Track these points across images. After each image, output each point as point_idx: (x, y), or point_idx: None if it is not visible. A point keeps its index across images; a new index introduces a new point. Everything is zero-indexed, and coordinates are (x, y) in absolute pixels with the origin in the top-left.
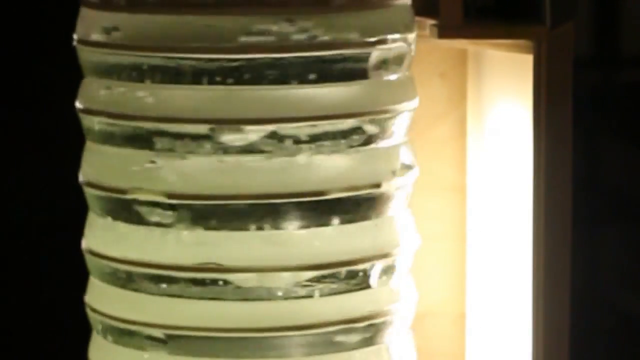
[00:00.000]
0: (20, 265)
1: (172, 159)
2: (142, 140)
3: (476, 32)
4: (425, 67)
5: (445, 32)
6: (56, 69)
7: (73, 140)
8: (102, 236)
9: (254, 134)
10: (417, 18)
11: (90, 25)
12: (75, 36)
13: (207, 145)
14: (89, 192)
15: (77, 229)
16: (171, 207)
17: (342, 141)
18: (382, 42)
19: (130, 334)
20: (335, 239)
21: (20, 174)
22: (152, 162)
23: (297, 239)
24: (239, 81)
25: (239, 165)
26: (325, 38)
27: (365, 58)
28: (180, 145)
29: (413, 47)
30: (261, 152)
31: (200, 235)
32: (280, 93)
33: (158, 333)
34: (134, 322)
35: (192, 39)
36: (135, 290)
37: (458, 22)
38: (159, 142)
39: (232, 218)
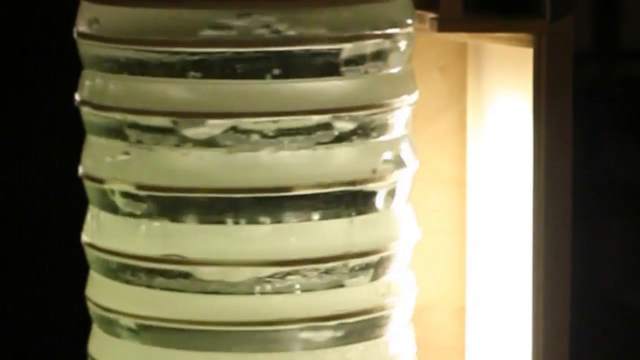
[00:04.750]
0: (20, 260)
1: (142, 151)
2: (117, 132)
3: (476, 25)
4: (425, 61)
5: (445, 25)
6: (57, 63)
7: (75, 133)
8: (94, 228)
9: (216, 128)
10: (417, 12)
11: (80, 17)
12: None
13: (172, 138)
14: (85, 183)
15: (79, 222)
16: (140, 198)
17: (311, 137)
18: (356, 38)
19: (120, 325)
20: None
21: (21, 168)
22: (126, 153)
23: (261, 234)
24: (203, 75)
25: (202, 158)
26: (292, 33)
27: (336, 54)
28: (148, 137)
29: (402, 43)
30: (224, 146)
31: (166, 227)
32: (243, 88)
33: (131, 323)
34: (129, 315)
35: (156, 32)
36: (128, 282)
37: (458, 15)
38: (131, 134)
39: (195, 211)
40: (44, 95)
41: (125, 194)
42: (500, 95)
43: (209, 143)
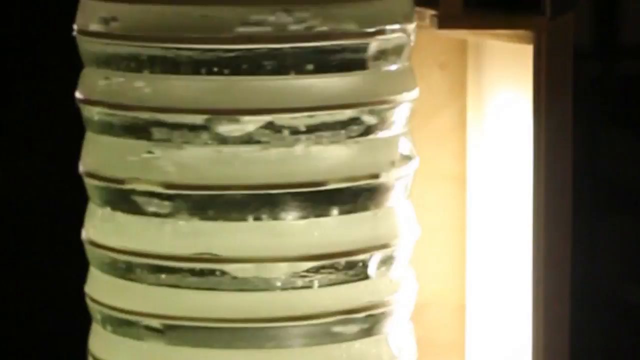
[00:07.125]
0: (20, 257)
1: (169, 149)
2: (140, 131)
3: (476, 22)
4: (425, 58)
5: (445, 22)
6: (56, 59)
7: (74, 131)
8: (101, 226)
9: (250, 124)
10: (417, 8)
11: (90, 15)
12: (75, 26)
13: (204, 136)
14: (88, 182)
15: (78, 220)
16: (168, 198)
17: (341, 132)
18: (381, 32)
19: (129, 324)
20: (334, 230)
21: (21, 165)
22: (150, 152)
23: (295, 230)
24: (236, 71)
25: (236, 155)
26: (323, 28)
27: (363, 49)
28: (177, 135)
29: (412, 37)
30: (258, 142)
31: (197, 225)
32: (277, 84)
33: (155, 323)
34: (132, 312)
35: (189, 30)
36: (134, 280)
37: (458, 12)
38: (157, 133)
39: (229, 208)
40: (45, 91)
41: (150, 194)
42: (500, 92)
43: (244, 140)
